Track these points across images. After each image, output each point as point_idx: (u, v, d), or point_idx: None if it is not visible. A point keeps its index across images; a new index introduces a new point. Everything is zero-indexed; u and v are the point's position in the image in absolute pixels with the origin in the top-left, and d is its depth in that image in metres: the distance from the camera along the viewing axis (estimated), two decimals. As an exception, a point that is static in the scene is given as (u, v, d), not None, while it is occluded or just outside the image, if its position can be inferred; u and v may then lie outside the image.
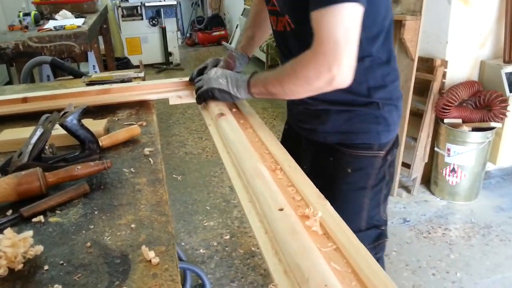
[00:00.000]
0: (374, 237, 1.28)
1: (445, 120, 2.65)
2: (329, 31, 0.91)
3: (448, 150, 2.66)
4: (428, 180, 2.92)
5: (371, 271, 0.63)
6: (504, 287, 2.10)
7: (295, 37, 1.13)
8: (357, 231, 1.15)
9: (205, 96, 1.25)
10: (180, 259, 2.20)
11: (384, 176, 1.23)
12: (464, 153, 2.62)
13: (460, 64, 2.70)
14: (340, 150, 1.20)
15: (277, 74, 1.08)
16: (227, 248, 2.42)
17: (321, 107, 1.17)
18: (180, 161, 3.49)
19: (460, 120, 2.64)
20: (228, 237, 2.52)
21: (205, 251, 2.41)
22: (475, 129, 2.61)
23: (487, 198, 2.81)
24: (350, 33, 0.91)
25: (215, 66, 1.38)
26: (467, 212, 2.69)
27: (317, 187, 0.86)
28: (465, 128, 2.61)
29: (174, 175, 3.25)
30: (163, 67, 6.24)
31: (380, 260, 1.34)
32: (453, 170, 2.70)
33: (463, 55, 2.68)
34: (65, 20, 3.42)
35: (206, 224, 2.66)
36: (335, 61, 0.92)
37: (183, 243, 2.47)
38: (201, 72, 1.39)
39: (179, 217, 2.72)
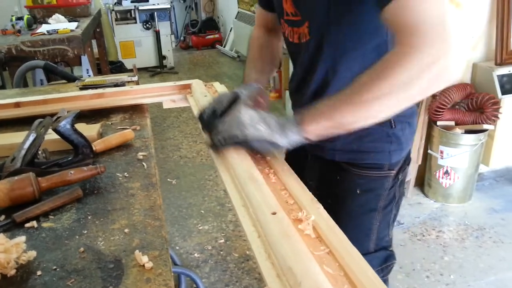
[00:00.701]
0: (382, 259, 1.21)
1: (438, 123, 2.67)
2: (422, 14, 0.74)
3: (441, 152, 2.68)
4: (422, 182, 2.93)
5: (363, 274, 0.63)
6: (497, 289, 2.11)
7: (312, 49, 1.02)
8: (365, 253, 1.11)
9: (239, 147, 0.96)
10: (175, 263, 2.19)
11: (394, 196, 1.16)
12: (457, 155, 2.63)
13: (453, 67, 2.72)
14: (348, 170, 1.11)
15: (347, 96, 0.85)
16: (221, 252, 2.42)
17: None
18: (174, 165, 3.49)
19: (453, 123, 2.66)
20: (222, 241, 2.52)
21: (200, 255, 2.40)
22: (467, 131, 2.63)
23: (480, 200, 2.83)
24: (446, 8, 0.76)
25: (231, 103, 1.04)
26: (460, 214, 2.70)
27: (324, 206, 0.80)
28: (458, 130, 2.63)
29: (168, 179, 3.25)
30: (157, 70, 6.23)
31: (386, 282, 1.26)
32: (446, 172, 2.72)
33: (455, 58, 2.70)
34: (58, 24, 3.42)
35: (200, 228, 2.65)
36: (442, 46, 0.74)
37: (177, 247, 2.47)
38: (215, 112, 1.04)
39: (174, 221, 2.72)
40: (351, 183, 1.12)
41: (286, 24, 1.09)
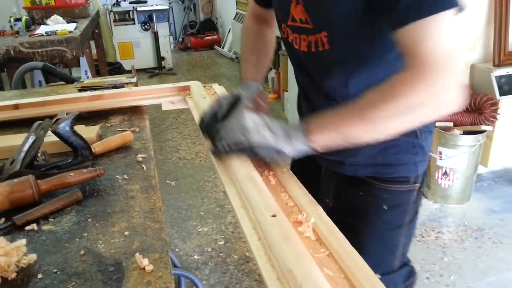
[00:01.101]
0: (406, 275, 1.15)
1: (437, 124, 2.67)
2: (434, 46, 0.76)
3: (440, 153, 2.68)
4: (421, 183, 2.93)
5: (364, 276, 0.63)
6: (496, 289, 2.11)
7: (330, 59, 0.96)
8: (390, 272, 1.12)
9: (243, 154, 0.91)
10: (174, 266, 2.19)
11: (417, 209, 1.11)
12: (456, 156, 2.64)
13: (451, 68, 2.72)
14: (372, 184, 1.05)
15: (355, 111, 0.83)
16: (221, 254, 2.42)
17: None
18: (173, 167, 3.49)
19: (451, 124, 2.67)
20: (222, 242, 2.52)
21: (199, 257, 2.40)
22: (466, 132, 2.63)
23: (479, 201, 2.83)
24: (458, 44, 0.77)
25: (232, 106, 0.97)
26: (459, 215, 2.70)
27: (343, 224, 0.76)
28: (457, 131, 2.63)
29: (167, 181, 3.25)
30: (156, 71, 6.23)
31: None
32: (445, 173, 2.72)
33: (453, 59, 2.70)
34: (57, 25, 3.42)
35: (200, 229, 2.65)
36: (448, 80, 0.77)
37: (177, 249, 2.47)
38: (216, 116, 0.97)
39: (173, 223, 2.72)
40: (376, 199, 1.06)
41: (290, 30, 1.02)
